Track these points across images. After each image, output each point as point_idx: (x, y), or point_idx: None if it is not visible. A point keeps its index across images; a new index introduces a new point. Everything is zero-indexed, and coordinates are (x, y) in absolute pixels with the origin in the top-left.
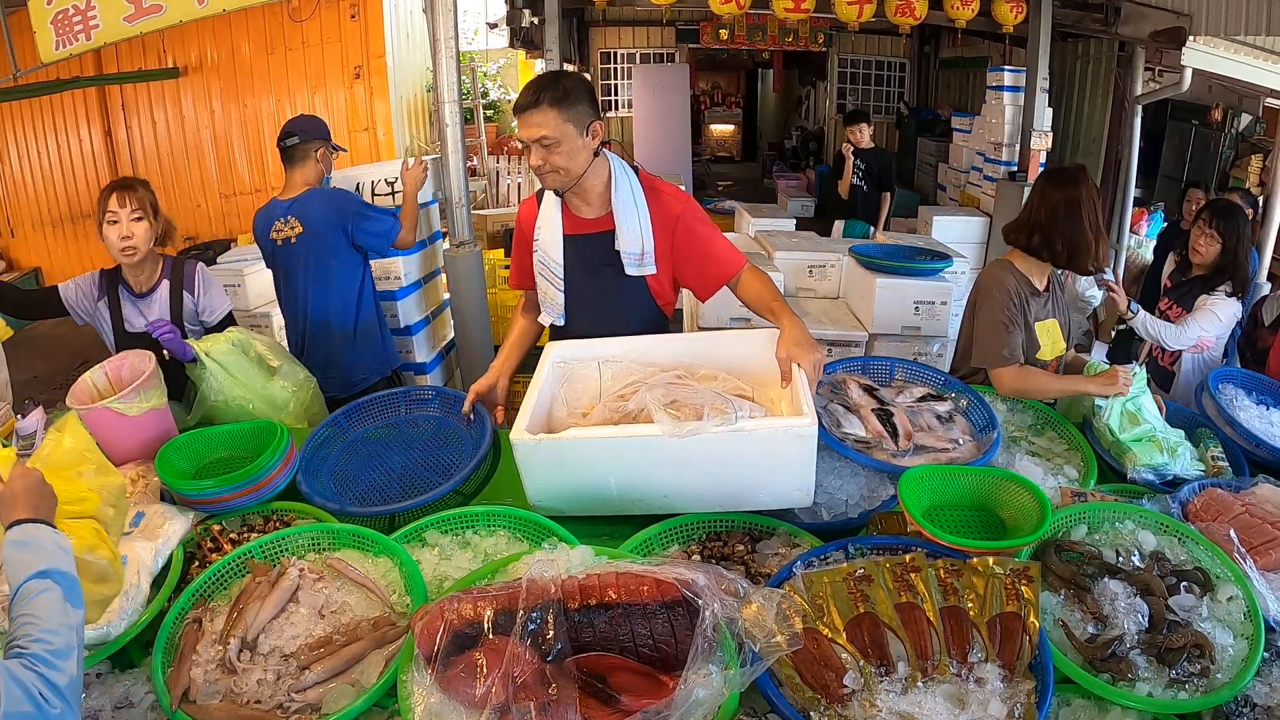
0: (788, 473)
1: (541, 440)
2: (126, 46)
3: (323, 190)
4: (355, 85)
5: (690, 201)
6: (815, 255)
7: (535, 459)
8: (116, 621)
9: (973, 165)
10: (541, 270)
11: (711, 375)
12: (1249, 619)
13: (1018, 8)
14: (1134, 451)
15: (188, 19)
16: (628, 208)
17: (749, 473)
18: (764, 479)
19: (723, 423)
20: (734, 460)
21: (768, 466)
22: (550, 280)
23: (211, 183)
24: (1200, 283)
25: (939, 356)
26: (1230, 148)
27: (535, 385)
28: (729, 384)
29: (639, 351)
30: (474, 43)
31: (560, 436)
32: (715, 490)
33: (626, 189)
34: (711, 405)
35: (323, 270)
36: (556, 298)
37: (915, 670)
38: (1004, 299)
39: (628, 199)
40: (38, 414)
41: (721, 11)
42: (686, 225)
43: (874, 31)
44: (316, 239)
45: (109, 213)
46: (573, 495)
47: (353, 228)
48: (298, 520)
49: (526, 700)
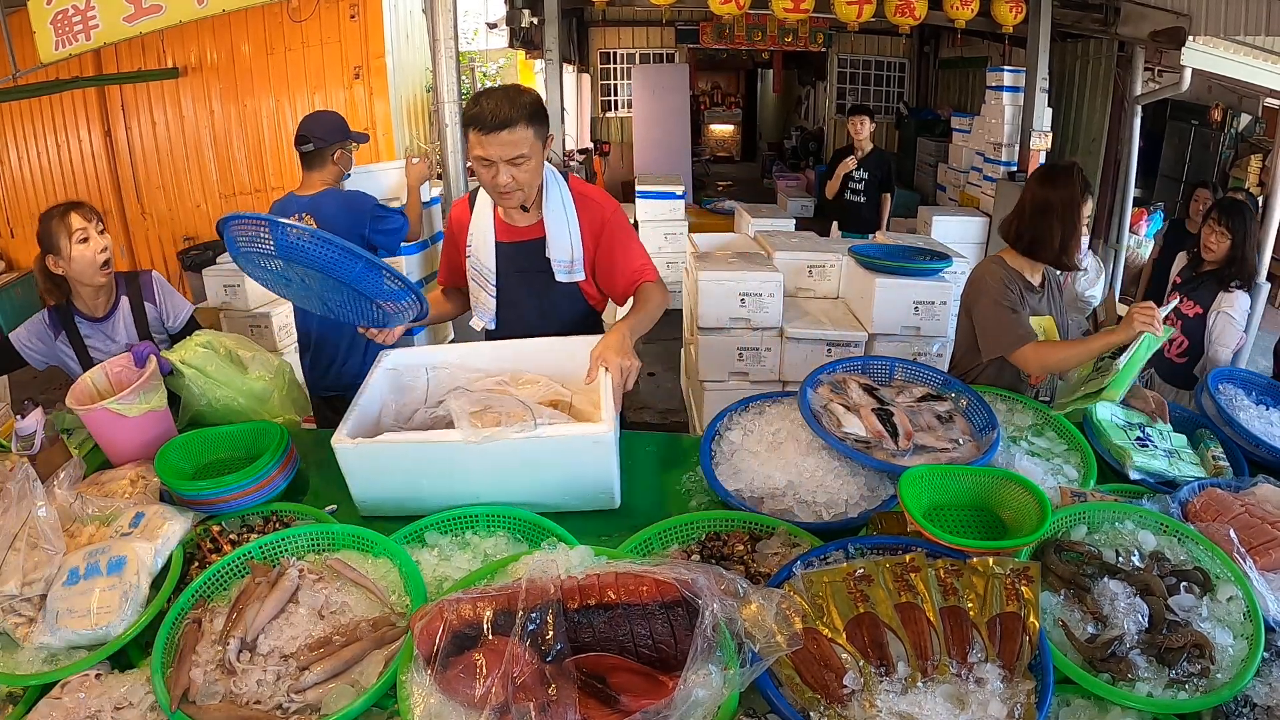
0: (589, 477)
1: (359, 444)
2: (126, 47)
3: (340, 192)
4: (355, 85)
5: (618, 210)
6: (815, 255)
7: (355, 462)
8: (116, 622)
9: (972, 165)
10: (474, 276)
11: (534, 380)
12: (1249, 619)
13: (1017, 8)
14: (1131, 454)
15: (187, 19)
16: (558, 216)
17: (552, 477)
18: (567, 483)
19: (521, 429)
20: (536, 465)
21: (568, 471)
22: (483, 286)
23: (211, 183)
24: (1212, 277)
25: (939, 356)
26: (1230, 148)
27: (363, 391)
28: (549, 389)
29: (469, 359)
30: (474, 43)
31: (375, 441)
32: (522, 493)
33: (557, 197)
34: (512, 413)
35: None
36: (488, 303)
37: (915, 670)
38: (999, 287)
39: (558, 207)
40: (37, 414)
41: (721, 11)
42: (610, 231)
43: (873, 31)
44: None
45: (77, 231)
46: (393, 497)
47: (369, 230)
48: (297, 521)
49: (526, 701)
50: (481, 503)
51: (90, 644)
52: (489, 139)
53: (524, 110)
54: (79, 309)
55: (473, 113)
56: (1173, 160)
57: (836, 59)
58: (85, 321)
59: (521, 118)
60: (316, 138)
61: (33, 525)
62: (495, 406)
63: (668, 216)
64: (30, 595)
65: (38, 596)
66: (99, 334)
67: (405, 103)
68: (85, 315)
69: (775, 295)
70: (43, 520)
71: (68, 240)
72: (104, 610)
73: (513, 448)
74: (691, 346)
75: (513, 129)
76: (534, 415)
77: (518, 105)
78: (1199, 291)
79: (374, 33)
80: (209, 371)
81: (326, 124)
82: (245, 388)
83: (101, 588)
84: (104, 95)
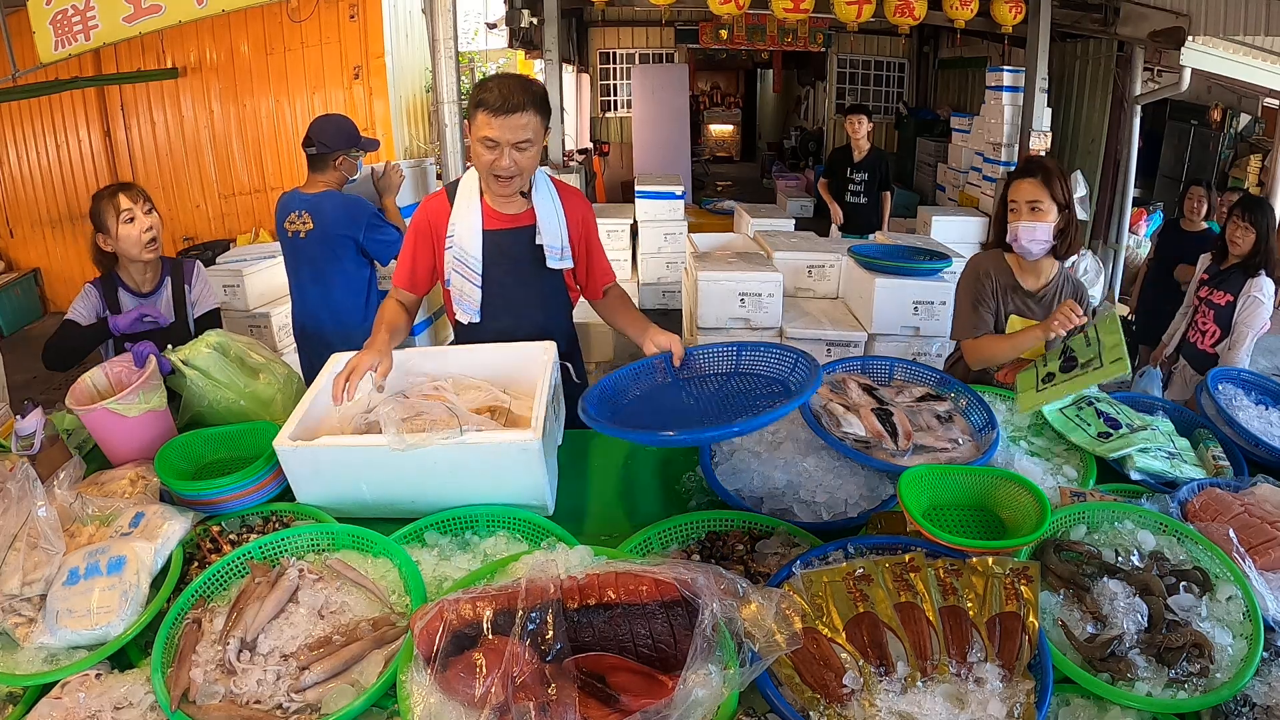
0: (520, 483)
1: (299, 447)
2: (125, 47)
3: (340, 195)
4: (354, 85)
5: (591, 208)
6: (814, 255)
7: (295, 464)
8: (116, 622)
9: (972, 165)
10: (458, 268)
11: (476, 386)
12: (1248, 619)
13: (1017, 8)
14: (1134, 458)
15: (187, 19)
16: (546, 205)
17: (483, 482)
18: (498, 488)
19: (448, 436)
20: (466, 471)
21: (498, 477)
22: (467, 277)
23: (210, 183)
24: (1238, 269)
25: (938, 356)
26: (1229, 148)
27: (310, 395)
28: (490, 395)
29: (414, 363)
30: (473, 43)
31: (314, 444)
32: (457, 498)
33: (545, 187)
34: (440, 419)
35: (326, 271)
36: (474, 294)
37: (915, 670)
38: (971, 278)
39: (546, 197)
40: (37, 414)
41: (721, 12)
42: (589, 226)
43: (873, 32)
44: (324, 240)
45: (124, 211)
46: (334, 498)
47: (364, 236)
48: (297, 521)
49: (526, 700)
50: (418, 506)
51: (90, 644)
52: (499, 121)
53: (534, 98)
54: (126, 283)
55: (482, 95)
56: (1172, 160)
57: (836, 59)
58: (131, 295)
59: (531, 104)
60: (320, 143)
61: (33, 525)
62: (426, 413)
63: (667, 216)
64: (30, 595)
65: (38, 596)
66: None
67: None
68: (132, 290)
69: (775, 295)
70: (43, 520)
71: (115, 219)
72: (104, 610)
73: (443, 454)
74: None
75: (523, 113)
76: (460, 423)
77: (529, 92)
78: (1228, 282)
79: (373, 33)
80: (212, 373)
81: (334, 130)
82: (249, 391)
83: (101, 588)
84: (103, 95)
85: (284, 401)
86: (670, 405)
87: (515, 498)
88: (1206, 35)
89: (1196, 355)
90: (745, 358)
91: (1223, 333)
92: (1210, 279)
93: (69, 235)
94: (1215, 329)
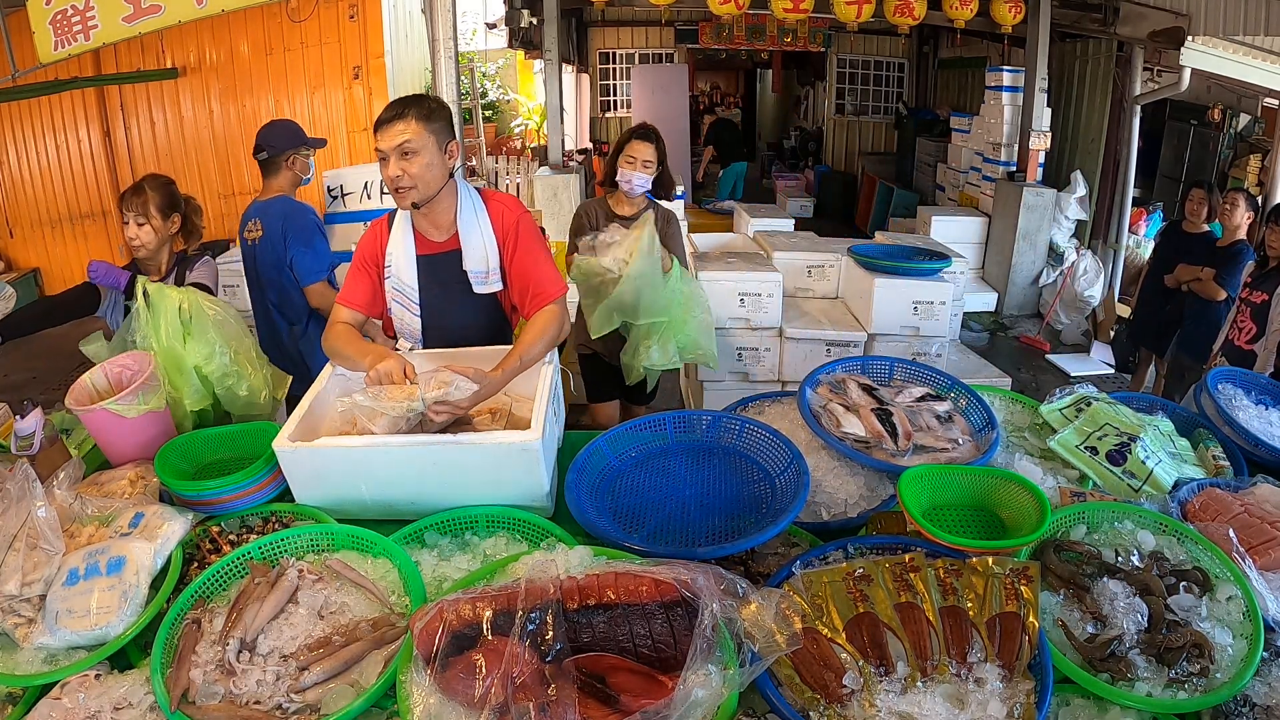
0: (520, 484)
1: (299, 448)
2: (125, 47)
3: (288, 202)
4: (354, 85)
5: (527, 214)
6: (814, 255)
7: (294, 465)
8: (115, 622)
9: (971, 165)
10: (396, 297)
11: None
12: (1248, 619)
13: (1016, 8)
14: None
15: (186, 19)
16: (471, 227)
17: (483, 483)
18: (498, 489)
19: (410, 404)
20: (466, 471)
21: (498, 477)
22: (406, 306)
23: (210, 183)
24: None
25: (938, 357)
26: (1229, 148)
27: (311, 395)
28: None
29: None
30: (473, 43)
31: (314, 445)
32: (456, 498)
33: (470, 210)
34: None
35: (272, 277)
36: (413, 322)
37: (915, 670)
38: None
39: (471, 219)
40: (36, 414)
41: (720, 12)
42: (519, 235)
43: (873, 32)
44: (270, 247)
45: (123, 215)
46: (334, 499)
47: (290, 248)
48: (296, 521)
49: (525, 701)
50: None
51: (90, 644)
52: (380, 132)
53: (416, 106)
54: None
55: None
56: (1172, 160)
57: (836, 59)
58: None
59: (412, 114)
60: (269, 146)
61: (32, 525)
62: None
63: None
64: (30, 595)
65: (37, 597)
66: None
67: None
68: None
69: (774, 295)
70: (42, 520)
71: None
72: (103, 610)
73: (443, 454)
74: None
75: (400, 120)
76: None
77: (410, 103)
78: (1266, 283)
79: (373, 33)
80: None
81: (280, 133)
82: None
83: (101, 588)
84: (103, 95)
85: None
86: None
87: (515, 498)
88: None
89: (1234, 352)
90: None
91: (1259, 330)
92: (1253, 281)
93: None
94: (1251, 325)
